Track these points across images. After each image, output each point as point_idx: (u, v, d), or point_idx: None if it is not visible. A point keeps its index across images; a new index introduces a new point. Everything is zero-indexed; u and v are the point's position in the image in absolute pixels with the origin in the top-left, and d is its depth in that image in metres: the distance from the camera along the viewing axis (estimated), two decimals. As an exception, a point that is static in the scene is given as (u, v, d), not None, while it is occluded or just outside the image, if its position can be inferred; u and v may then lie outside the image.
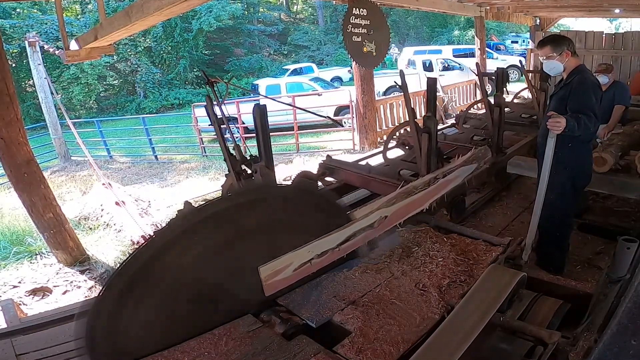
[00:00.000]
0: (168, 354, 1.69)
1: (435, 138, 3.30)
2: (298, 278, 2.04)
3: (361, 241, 2.33)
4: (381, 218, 2.42)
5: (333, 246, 2.14)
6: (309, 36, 26.15)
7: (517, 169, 3.99)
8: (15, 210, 6.12)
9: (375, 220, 2.40)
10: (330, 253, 2.14)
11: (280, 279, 1.96)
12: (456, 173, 3.27)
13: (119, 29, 4.43)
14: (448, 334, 1.69)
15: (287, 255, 1.95)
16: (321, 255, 2.08)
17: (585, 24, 17.05)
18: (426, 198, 2.91)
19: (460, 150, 4.13)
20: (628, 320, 0.95)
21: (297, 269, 1.99)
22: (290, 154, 9.44)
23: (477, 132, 5.02)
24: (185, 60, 21.18)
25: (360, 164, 4.23)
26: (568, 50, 2.66)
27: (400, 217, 2.64)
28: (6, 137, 3.77)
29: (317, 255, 2.06)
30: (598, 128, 2.77)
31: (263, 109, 2.74)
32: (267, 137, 2.82)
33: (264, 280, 1.89)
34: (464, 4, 8.76)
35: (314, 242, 2.05)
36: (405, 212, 2.69)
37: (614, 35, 9.34)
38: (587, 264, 3.08)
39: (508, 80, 4.39)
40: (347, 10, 5.46)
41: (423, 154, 3.32)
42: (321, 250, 2.08)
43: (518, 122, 5.71)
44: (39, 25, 16.96)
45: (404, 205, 2.65)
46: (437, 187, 3.03)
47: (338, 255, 2.19)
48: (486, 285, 1.97)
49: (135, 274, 1.63)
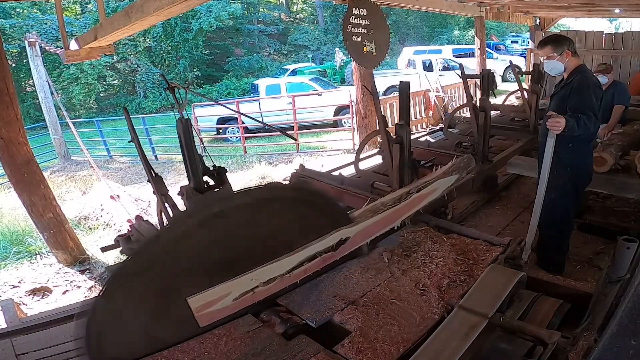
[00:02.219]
0: (168, 354, 1.69)
1: (408, 148, 3.02)
2: (241, 307, 1.87)
3: (317, 265, 2.10)
4: (341, 240, 2.17)
5: (282, 272, 1.94)
6: (309, 36, 26.14)
7: (517, 169, 3.98)
8: (15, 210, 6.11)
9: (335, 243, 2.14)
10: (279, 280, 1.94)
11: (217, 309, 1.79)
12: (434, 186, 2.94)
13: (118, 29, 4.43)
14: (448, 333, 1.70)
15: (224, 285, 1.77)
16: (268, 282, 1.89)
17: (585, 24, 17.06)
18: (396, 215, 2.59)
19: (444, 158, 3.82)
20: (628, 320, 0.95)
21: (238, 299, 1.82)
22: (290, 153, 9.45)
23: (462, 138, 4.72)
24: (185, 60, 21.18)
25: (333, 174, 3.92)
26: (569, 50, 2.66)
27: (366, 237, 2.37)
28: (6, 137, 3.77)
29: (262, 283, 1.87)
30: (598, 128, 2.77)
31: (186, 123, 2.36)
32: (193, 155, 2.41)
33: (195, 311, 1.73)
34: (464, 4, 8.75)
35: (258, 270, 1.86)
36: (372, 231, 2.40)
37: (614, 35, 9.34)
38: (587, 263, 3.08)
39: (494, 82, 4.17)
40: (347, 10, 5.46)
41: (395, 166, 3.02)
42: (267, 278, 1.89)
43: (509, 127, 5.46)
44: (39, 25, 16.96)
45: (370, 225, 2.35)
46: (410, 202, 2.69)
47: (289, 282, 1.99)
48: (486, 285, 1.98)
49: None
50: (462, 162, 3.25)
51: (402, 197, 2.65)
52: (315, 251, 2.06)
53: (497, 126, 5.43)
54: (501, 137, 5.19)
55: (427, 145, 4.67)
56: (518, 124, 5.47)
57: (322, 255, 2.09)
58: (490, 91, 4.09)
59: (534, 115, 5.10)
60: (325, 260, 2.13)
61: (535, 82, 5.29)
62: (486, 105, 3.95)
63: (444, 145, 4.70)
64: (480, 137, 3.98)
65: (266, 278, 1.89)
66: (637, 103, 5.68)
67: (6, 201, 7.00)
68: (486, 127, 3.94)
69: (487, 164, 4.02)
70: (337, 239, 2.15)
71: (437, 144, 4.92)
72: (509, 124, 5.55)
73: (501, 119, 5.85)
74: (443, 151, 4.28)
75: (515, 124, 5.52)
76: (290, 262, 1.96)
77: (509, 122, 5.59)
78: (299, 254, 1.99)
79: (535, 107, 5.12)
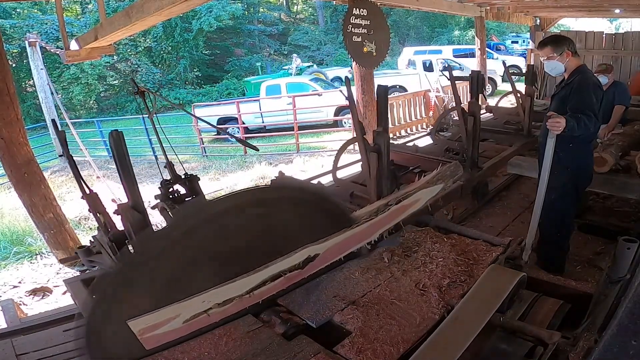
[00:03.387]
0: (168, 354, 1.69)
1: (387, 157, 2.84)
2: (194, 329, 1.74)
3: (281, 285, 1.93)
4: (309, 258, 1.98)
5: (241, 293, 1.78)
6: (309, 36, 26.15)
7: (517, 169, 3.98)
8: (15, 210, 6.12)
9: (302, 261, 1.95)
10: (238, 301, 1.78)
11: (165, 331, 1.66)
12: (416, 196, 2.64)
13: (119, 29, 4.44)
14: (448, 334, 1.69)
15: (173, 307, 1.64)
16: (224, 304, 1.75)
17: (586, 24, 17.04)
18: (373, 229, 2.35)
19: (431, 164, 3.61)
20: (628, 320, 0.95)
21: (189, 320, 1.69)
22: (290, 153, 9.46)
23: (451, 143, 4.54)
24: (186, 61, 21.19)
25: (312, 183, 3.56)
26: (569, 51, 2.66)
27: (337, 253, 2.17)
28: (6, 137, 3.77)
29: (217, 304, 1.73)
30: (599, 128, 2.77)
31: (118, 137, 2.10)
32: (129, 171, 2.17)
33: (139, 334, 1.60)
34: (464, 4, 8.75)
35: (212, 290, 1.71)
36: (345, 247, 2.20)
37: (614, 36, 9.34)
38: (588, 264, 3.08)
39: (484, 85, 4.09)
40: (347, 10, 5.46)
41: (373, 176, 2.85)
42: (223, 299, 1.74)
43: (502, 130, 5.31)
44: (39, 25, 16.98)
45: (342, 240, 2.14)
46: (387, 215, 2.42)
47: (249, 303, 1.84)
48: (486, 285, 1.97)
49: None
50: (448, 170, 2.91)
51: (380, 210, 2.39)
52: (279, 270, 1.88)
53: (490, 130, 5.30)
54: (494, 141, 5.06)
55: (415, 151, 4.50)
56: (512, 127, 5.32)
57: (287, 275, 1.91)
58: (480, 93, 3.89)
59: (528, 119, 4.93)
60: (291, 280, 1.96)
61: (530, 84, 5.03)
62: (475, 109, 3.76)
63: (432, 150, 4.55)
64: (469, 143, 3.80)
65: (222, 299, 1.73)
66: (637, 103, 5.68)
67: (6, 201, 7.00)
68: (475, 132, 3.78)
69: (476, 170, 3.83)
70: (305, 256, 1.96)
71: (425, 149, 4.74)
72: (503, 127, 5.39)
73: (494, 122, 5.69)
74: (431, 157, 4.15)
75: (508, 127, 5.35)
76: (249, 283, 1.80)
77: (502, 126, 5.43)
78: (259, 274, 1.82)
79: (529, 109, 4.93)
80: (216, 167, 9.03)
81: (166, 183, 2.66)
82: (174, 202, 2.60)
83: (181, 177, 2.70)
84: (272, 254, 1.89)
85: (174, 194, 2.66)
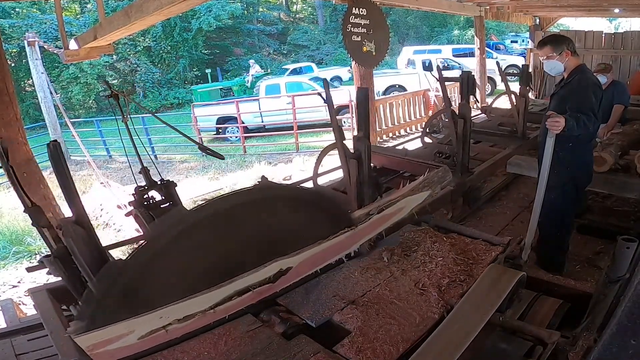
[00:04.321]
0: (168, 353, 1.69)
1: (367, 164, 2.71)
2: (151, 345, 1.66)
3: (250, 299, 1.83)
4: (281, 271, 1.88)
5: (204, 308, 1.69)
6: (309, 36, 26.15)
7: (517, 169, 3.98)
8: (14, 210, 6.12)
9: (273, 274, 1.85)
10: (201, 316, 1.69)
11: (117, 347, 1.58)
12: (399, 205, 2.48)
13: (118, 29, 4.44)
14: (447, 333, 1.69)
15: (126, 322, 1.56)
16: (184, 319, 1.66)
17: (585, 23, 17.03)
18: (352, 240, 2.24)
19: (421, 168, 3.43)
20: (627, 320, 0.95)
21: (145, 337, 1.61)
22: (290, 153, 9.46)
23: (441, 147, 4.39)
24: (185, 60, 21.19)
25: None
26: (568, 50, 2.66)
27: (313, 266, 2.07)
28: (5, 137, 3.76)
29: (176, 320, 1.64)
30: (598, 128, 2.77)
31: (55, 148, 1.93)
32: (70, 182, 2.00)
33: (88, 349, 1.51)
34: (464, 3, 8.76)
35: (171, 306, 1.62)
36: (320, 259, 2.08)
37: (614, 35, 9.36)
38: (587, 263, 3.08)
39: (474, 86, 3.76)
40: (347, 9, 5.47)
41: (353, 183, 2.72)
42: (183, 314, 1.65)
43: (496, 132, 5.18)
44: (38, 24, 16.97)
45: (318, 252, 2.03)
46: (369, 225, 2.30)
47: (213, 319, 1.74)
48: (486, 284, 1.97)
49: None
50: (436, 176, 2.74)
51: (360, 220, 2.29)
52: (247, 284, 1.77)
53: (484, 132, 5.23)
54: (488, 144, 4.97)
55: (405, 154, 4.35)
56: (506, 129, 5.20)
57: (257, 289, 1.81)
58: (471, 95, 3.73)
59: (522, 120, 4.80)
60: (261, 294, 1.86)
61: (525, 84, 4.89)
62: (466, 112, 3.60)
63: (422, 154, 4.39)
64: (459, 146, 3.64)
65: (182, 315, 1.64)
66: (636, 103, 5.68)
67: (6, 201, 7.00)
68: (466, 135, 3.62)
69: (467, 175, 3.68)
70: (276, 269, 1.85)
71: (414, 152, 4.59)
72: (497, 129, 5.27)
73: (488, 124, 5.59)
74: (420, 161, 4.02)
75: (503, 129, 5.23)
76: (213, 298, 1.70)
77: (497, 128, 5.31)
78: (224, 289, 1.72)
79: (524, 111, 4.78)
80: (216, 167, 9.03)
81: (140, 189, 2.56)
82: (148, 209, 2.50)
83: (157, 182, 2.58)
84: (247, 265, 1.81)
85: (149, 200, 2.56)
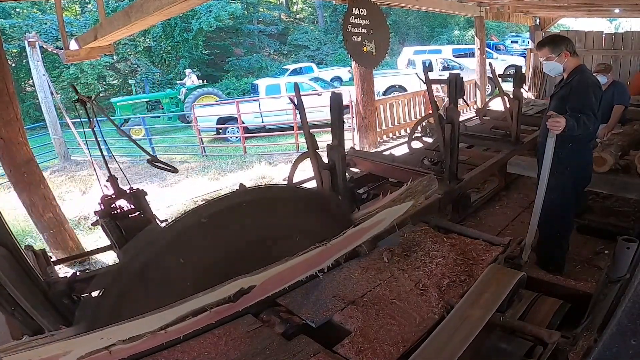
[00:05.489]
0: (168, 353, 1.69)
1: (342, 175, 2.56)
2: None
3: (208, 319, 1.72)
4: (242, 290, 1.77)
5: (155, 328, 1.59)
6: (309, 36, 26.15)
7: (517, 169, 3.98)
8: (15, 210, 6.11)
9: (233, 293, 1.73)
10: (151, 337, 1.59)
11: None
12: (378, 217, 2.29)
13: (118, 29, 4.44)
14: (448, 333, 1.69)
15: (62, 342, 1.47)
16: (130, 340, 1.56)
17: (585, 23, 17.07)
18: (324, 256, 2.07)
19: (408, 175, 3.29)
20: (628, 320, 0.95)
21: (84, 357, 1.51)
22: (290, 153, 9.46)
23: (429, 153, 4.21)
24: (185, 60, 21.17)
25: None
26: (567, 51, 2.66)
27: (281, 283, 1.93)
28: (6, 137, 3.77)
29: (121, 340, 1.54)
30: (598, 128, 2.78)
31: None
32: None
33: None
34: (464, 3, 8.76)
35: (115, 326, 1.52)
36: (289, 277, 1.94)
37: (614, 35, 9.36)
38: (587, 263, 3.08)
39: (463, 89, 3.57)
40: (347, 10, 5.47)
41: None
42: (129, 335, 1.55)
43: (489, 136, 5.02)
44: (39, 25, 16.97)
45: (285, 269, 1.88)
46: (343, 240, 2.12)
47: (165, 339, 1.64)
48: (486, 285, 1.97)
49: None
50: (420, 185, 2.55)
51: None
52: (203, 304, 1.66)
53: (477, 135, 5.14)
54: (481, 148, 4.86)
55: (392, 160, 4.17)
56: (499, 132, 5.03)
57: (215, 309, 1.70)
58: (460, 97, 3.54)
59: (516, 124, 4.61)
60: (220, 314, 1.74)
61: (518, 86, 4.65)
62: (454, 116, 3.40)
63: (410, 160, 4.20)
64: (447, 152, 3.45)
65: (127, 336, 1.55)
66: (636, 103, 5.69)
67: (6, 201, 7.00)
68: (454, 140, 3.43)
69: (456, 182, 3.50)
70: (237, 288, 1.74)
71: (402, 158, 4.36)
72: (489, 133, 5.11)
73: (482, 127, 5.44)
74: (407, 168, 3.84)
75: (496, 132, 5.06)
76: (163, 318, 1.60)
77: (490, 131, 5.15)
78: (176, 309, 1.62)
79: (517, 114, 4.58)
80: (216, 167, 9.04)
81: (107, 198, 2.47)
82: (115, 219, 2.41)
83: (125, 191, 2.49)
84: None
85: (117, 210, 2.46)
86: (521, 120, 4.76)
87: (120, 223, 2.43)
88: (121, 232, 2.41)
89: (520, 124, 4.70)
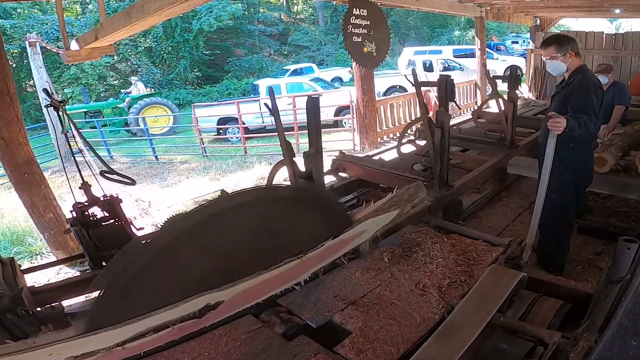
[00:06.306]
0: (168, 354, 1.69)
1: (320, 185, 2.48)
2: None
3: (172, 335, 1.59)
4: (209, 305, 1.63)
5: (110, 345, 1.47)
6: (309, 36, 26.16)
7: (517, 170, 3.98)
8: (15, 210, 6.12)
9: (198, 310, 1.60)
10: (107, 353, 1.49)
11: None
12: (361, 227, 2.12)
13: (119, 29, 4.44)
14: (448, 334, 1.69)
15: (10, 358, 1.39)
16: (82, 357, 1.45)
17: (586, 24, 17.07)
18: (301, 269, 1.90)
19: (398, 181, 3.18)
20: (628, 320, 0.95)
21: None
22: (290, 154, 9.44)
23: (418, 158, 4.11)
24: (186, 61, 21.19)
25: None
26: (572, 51, 2.65)
27: (253, 298, 1.78)
28: (6, 137, 3.77)
29: (72, 357, 1.44)
30: (599, 128, 2.77)
31: None
32: None
33: None
34: (464, 4, 8.76)
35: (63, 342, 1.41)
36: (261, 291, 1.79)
37: (614, 36, 9.35)
38: (588, 264, 3.08)
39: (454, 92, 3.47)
40: (348, 10, 5.47)
41: None
42: (80, 352, 1.45)
43: (483, 140, 4.92)
44: (40, 25, 16.97)
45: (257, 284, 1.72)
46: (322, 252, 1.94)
47: (123, 355, 1.53)
48: (486, 285, 1.97)
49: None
50: (406, 194, 2.42)
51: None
52: (164, 320, 1.54)
53: (471, 139, 5.09)
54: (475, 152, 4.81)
55: (381, 165, 4.04)
56: (494, 135, 4.90)
57: (179, 325, 1.58)
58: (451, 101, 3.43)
59: (510, 127, 4.51)
60: (185, 330, 1.62)
61: (513, 88, 4.51)
62: (444, 120, 3.27)
63: (399, 165, 4.10)
64: (436, 158, 3.33)
65: (78, 352, 1.44)
66: (637, 103, 5.68)
67: (7, 201, 7.00)
68: (444, 145, 3.32)
69: (446, 189, 3.39)
70: (203, 303, 1.62)
71: (391, 163, 4.23)
72: (484, 136, 5.02)
73: (475, 130, 5.36)
74: (396, 173, 3.74)
75: (490, 136, 4.97)
76: (121, 334, 1.49)
77: (484, 135, 5.06)
78: (135, 325, 1.51)
79: (512, 117, 4.46)
80: (216, 168, 9.04)
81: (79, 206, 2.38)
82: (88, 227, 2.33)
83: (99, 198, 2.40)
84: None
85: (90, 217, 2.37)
86: (517, 123, 4.67)
87: (92, 231, 2.35)
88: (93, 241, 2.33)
89: (515, 127, 4.62)
